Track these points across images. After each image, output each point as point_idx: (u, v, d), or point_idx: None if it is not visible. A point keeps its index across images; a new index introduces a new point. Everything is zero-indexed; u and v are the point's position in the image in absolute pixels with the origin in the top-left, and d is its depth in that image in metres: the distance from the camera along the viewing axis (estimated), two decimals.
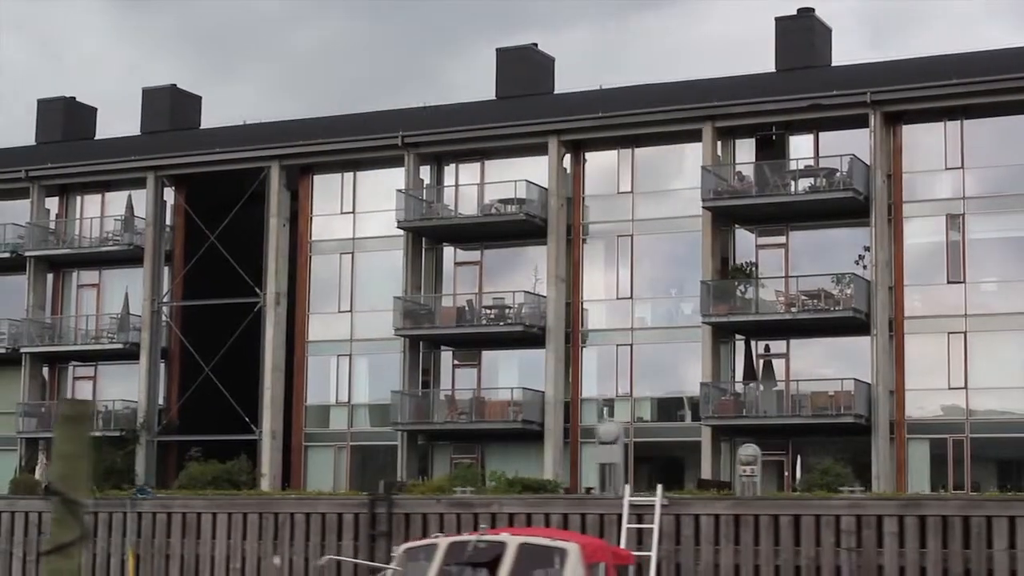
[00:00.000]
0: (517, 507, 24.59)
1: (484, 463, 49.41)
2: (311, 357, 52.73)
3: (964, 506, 22.16)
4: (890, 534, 21.97)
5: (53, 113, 61.77)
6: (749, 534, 23.01)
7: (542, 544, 18.70)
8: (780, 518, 22.79)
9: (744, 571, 22.93)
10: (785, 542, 22.66)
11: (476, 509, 25.15)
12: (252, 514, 27.38)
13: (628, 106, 48.75)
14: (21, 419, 55.30)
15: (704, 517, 23.43)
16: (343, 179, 53.02)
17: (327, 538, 26.23)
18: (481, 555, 18.20)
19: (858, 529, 22.17)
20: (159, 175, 54.78)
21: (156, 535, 34.16)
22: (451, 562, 18.50)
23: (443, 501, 27.35)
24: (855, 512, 22.22)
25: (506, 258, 50.88)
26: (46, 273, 57.01)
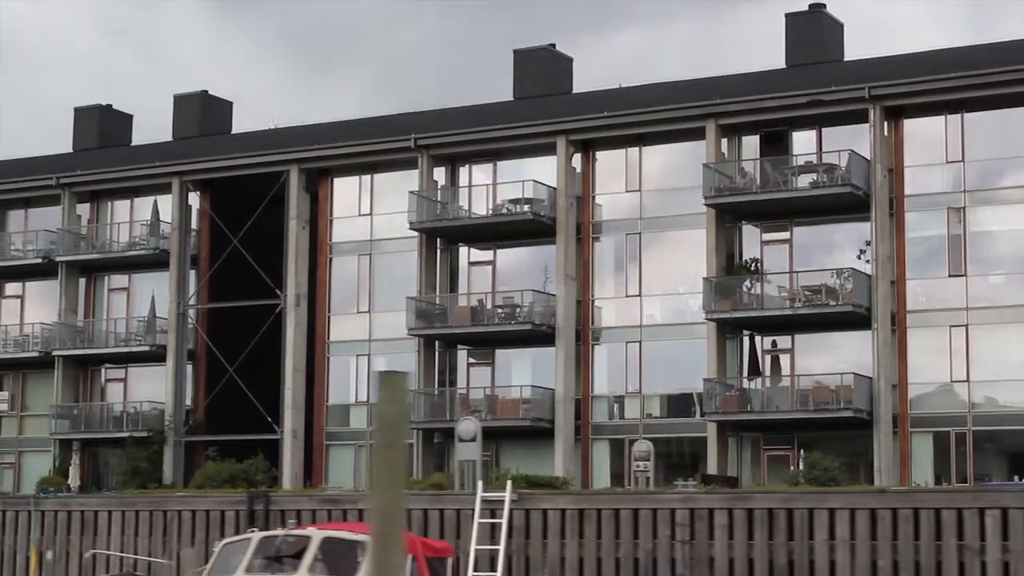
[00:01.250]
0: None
1: (499, 460, 50.04)
2: (332, 357, 53.59)
3: (787, 499, 22.58)
4: (720, 527, 22.45)
5: (88, 121, 63.10)
6: (592, 527, 23.55)
7: (344, 538, 19.64)
8: (620, 512, 23.30)
9: (588, 563, 23.50)
10: (625, 535, 23.18)
11: (344, 505, 25.96)
12: (144, 511, 28.31)
13: (634, 105, 49.21)
14: (54, 421, 56.59)
15: (551, 512, 23.99)
16: (360, 182, 53.87)
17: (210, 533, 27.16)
18: (289, 548, 19.43)
19: (691, 522, 22.65)
20: (184, 180, 55.88)
21: (58, 532, 35.51)
22: (261, 555, 19.56)
23: (315, 498, 28.22)
24: (688, 506, 22.75)
25: (518, 257, 51.48)
26: (78, 278, 58.30)
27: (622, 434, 48.95)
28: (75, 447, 56.88)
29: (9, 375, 60.09)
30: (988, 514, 19.90)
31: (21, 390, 59.87)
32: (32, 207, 60.19)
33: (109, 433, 55.53)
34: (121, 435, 54.85)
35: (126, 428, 55.22)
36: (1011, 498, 20.85)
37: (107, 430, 55.74)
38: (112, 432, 55.48)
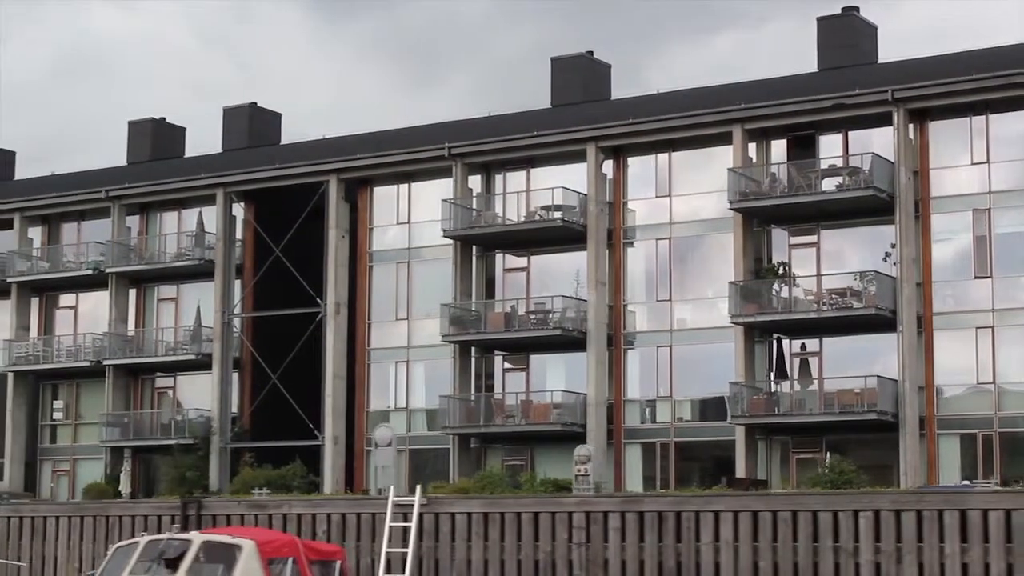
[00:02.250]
0: (303, 508, 26.00)
1: (533, 465, 50.61)
2: (372, 364, 54.34)
3: (675, 502, 22.89)
4: (614, 529, 22.81)
5: (142, 134, 64.32)
6: (496, 530, 24.01)
7: (222, 541, 20.53)
8: (522, 515, 23.73)
9: (492, 565, 23.95)
10: (526, 537, 23.61)
11: (269, 510, 26.58)
12: (88, 517, 29.13)
13: (663, 111, 49.55)
14: (105, 429, 57.78)
15: (459, 515, 24.46)
16: (398, 191, 54.60)
17: None
18: (172, 551, 20.52)
19: (587, 525, 23.02)
20: (228, 191, 56.87)
21: (9, 537, 36.44)
22: (147, 558, 20.50)
23: (243, 503, 28.88)
24: (584, 509, 23.12)
25: (552, 263, 51.92)
26: (128, 288, 59.49)
27: (654, 438, 49.30)
28: (126, 454, 58.07)
29: (63, 384, 61.42)
30: (862, 516, 20.17)
31: (75, 399, 61.18)
32: (85, 220, 61.47)
33: (157, 440, 56.61)
34: (168, 442, 55.91)
35: (174, 435, 56.26)
36: (884, 500, 21.10)
37: (155, 437, 56.82)
38: (160, 439, 56.56)
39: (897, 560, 20.35)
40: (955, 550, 20.01)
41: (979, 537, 19.91)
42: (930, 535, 20.24)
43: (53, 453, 61.32)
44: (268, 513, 26.11)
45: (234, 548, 20.19)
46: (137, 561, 20.52)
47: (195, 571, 20.09)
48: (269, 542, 20.83)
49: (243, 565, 19.73)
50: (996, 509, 20.04)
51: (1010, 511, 19.99)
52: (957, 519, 20.01)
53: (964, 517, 20.10)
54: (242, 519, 25.79)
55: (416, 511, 24.57)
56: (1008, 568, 19.87)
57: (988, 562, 19.91)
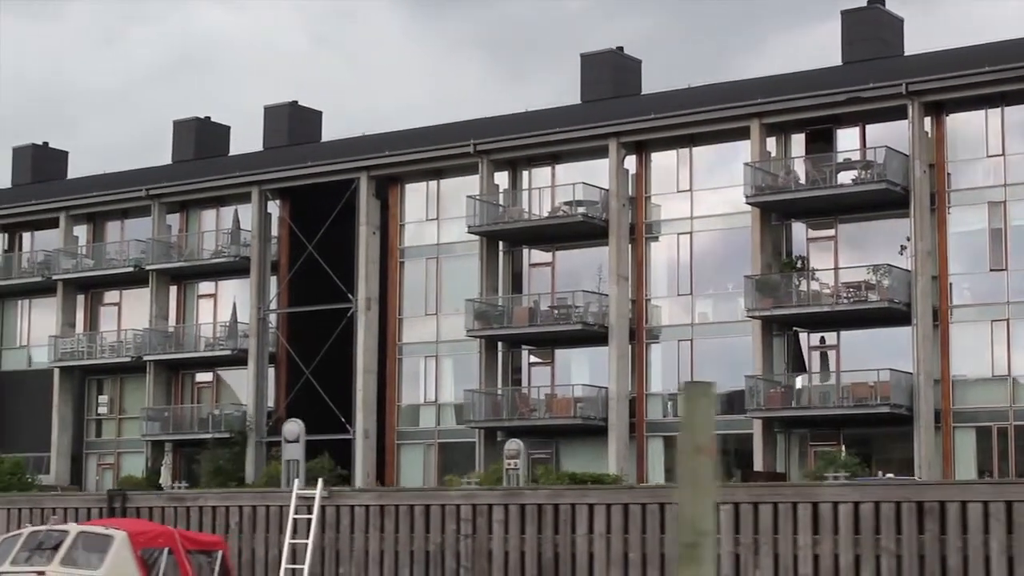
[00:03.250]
0: (217, 501, 26.71)
1: (558, 458, 51.12)
2: (404, 359, 55.06)
3: (552, 495, 23.32)
4: (497, 522, 23.27)
5: (186, 133, 65.46)
6: (391, 522, 24.54)
7: (96, 532, 21.51)
8: (414, 508, 24.25)
9: (387, 556, 24.45)
10: (418, 530, 24.14)
11: (187, 503, 27.27)
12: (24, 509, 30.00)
13: (684, 106, 49.88)
14: (145, 423, 58.93)
15: (358, 508, 25.00)
16: (428, 188, 55.26)
17: None
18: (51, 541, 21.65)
19: (473, 517, 23.49)
20: (263, 189, 57.80)
21: None
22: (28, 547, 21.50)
23: (163, 496, 29.64)
24: (470, 502, 23.59)
25: (577, 258, 52.36)
26: (168, 285, 60.61)
27: (675, 431, 49.57)
28: (167, 448, 59.19)
29: (108, 379, 62.66)
30: (723, 508, 20.52)
31: (119, 394, 62.39)
32: (128, 218, 62.65)
33: (196, 435, 57.63)
34: (207, 436, 56.92)
35: (211, 430, 57.28)
36: (742, 493, 21.43)
37: (194, 431, 57.85)
38: (198, 434, 57.59)
39: (755, 551, 20.73)
40: (808, 541, 20.36)
41: (830, 529, 20.27)
42: (785, 527, 20.62)
43: (98, 447, 62.59)
44: (186, 505, 26.93)
45: (107, 538, 21.36)
46: (19, 551, 21.56)
47: (70, 560, 21.14)
48: (142, 533, 21.74)
49: (114, 554, 20.82)
50: (846, 502, 20.37)
51: (858, 503, 20.30)
52: (810, 511, 20.37)
53: (816, 509, 20.47)
54: (163, 511, 26.66)
55: (317, 504, 25.25)
56: (856, 559, 20.19)
57: (837, 553, 20.24)
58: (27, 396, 63.56)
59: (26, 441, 62.33)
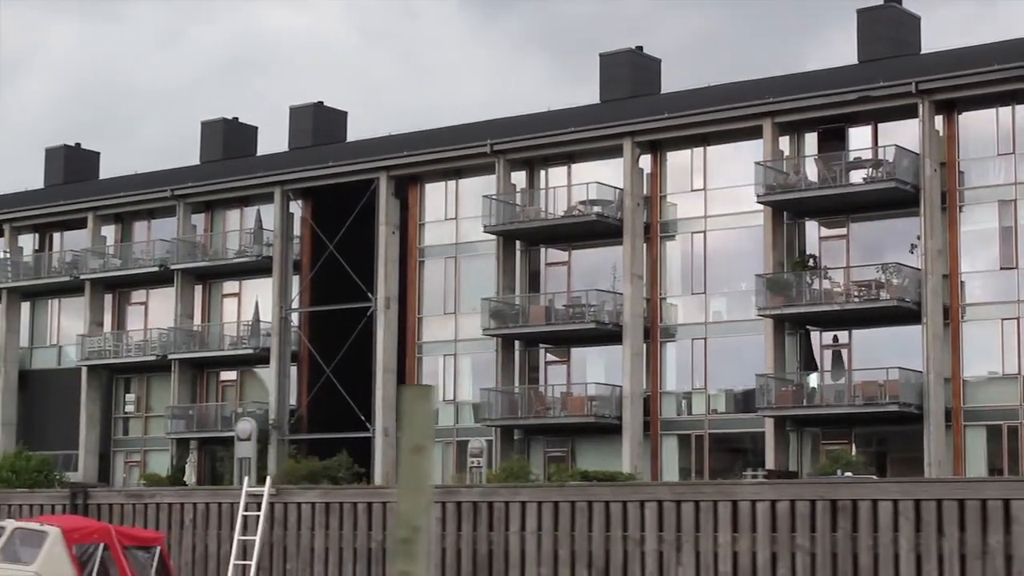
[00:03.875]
0: (173, 498, 27.11)
1: (574, 456, 51.42)
2: (423, 357, 55.46)
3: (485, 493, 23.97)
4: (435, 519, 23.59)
5: (214, 133, 66.09)
6: (336, 520, 24.87)
7: (31, 528, 22.04)
8: (358, 505, 24.62)
9: (332, 552, 24.79)
10: (361, 527, 24.52)
11: (145, 500, 27.70)
12: None
13: (699, 106, 50.03)
14: (170, 421, 59.56)
15: (304, 505, 25.33)
16: (446, 187, 55.63)
17: None
18: None
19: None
20: (284, 189, 58.32)
21: None
22: None
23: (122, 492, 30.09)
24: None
25: (593, 257, 52.60)
26: (193, 284, 61.23)
27: (689, 429, 49.85)
28: (192, 446, 59.82)
29: (135, 378, 63.36)
30: (647, 506, 20.74)
31: (146, 392, 63.08)
32: (155, 218, 63.33)
33: (219, 433, 58.18)
34: (229, 434, 57.41)
35: (234, 427, 57.73)
36: (665, 491, 21.68)
37: (217, 430, 58.41)
38: (222, 432, 58.11)
39: (677, 549, 20.97)
40: (727, 539, 20.56)
41: (748, 526, 20.48)
42: (706, 525, 20.85)
43: (125, 445, 63.30)
44: (144, 502, 27.44)
45: (41, 534, 21.94)
46: None
47: (7, 554, 21.67)
48: (77, 529, 22.24)
49: (48, 549, 21.37)
50: (763, 500, 20.57)
51: (775, 502, 20.48)
52: (729, 509, 20.58)
53: (735, 508, 20.69)
54: (121, 508, 27.17)
55: (266, 501, 25.66)
56: (772, 556, 20.38)
57: (755, 551, 20.43)
58: (56, 394, 64.37)
59: (55, 439, 63.12)
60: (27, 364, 66.48)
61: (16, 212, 66.36)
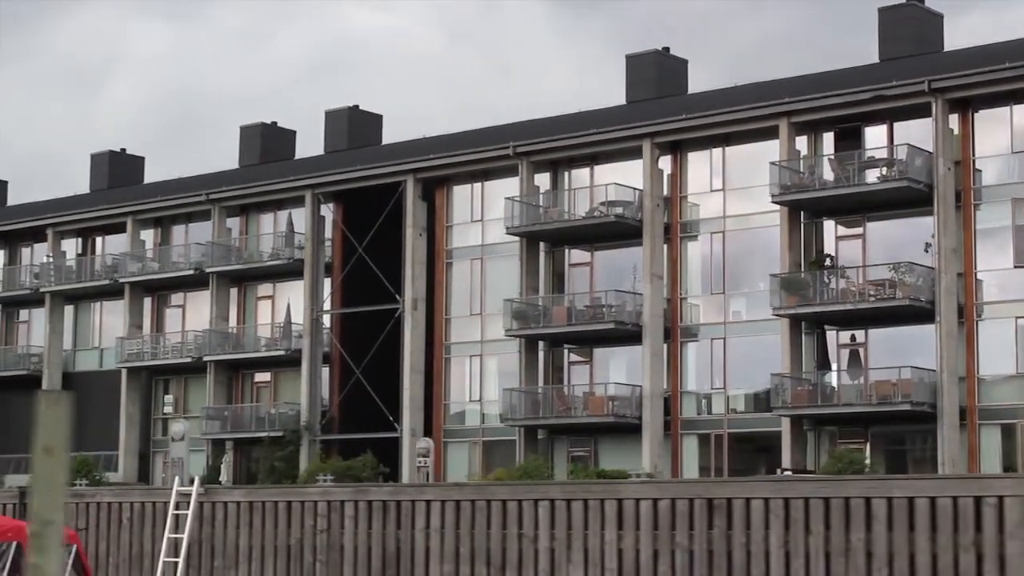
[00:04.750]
0: (111, 497, 27.62)
1: (597, 456, 51.78)
2: (452, 358, 55.99)
3: (393, 491, 24.01)
4: (348, 517, 23.98)
5: (252, 138, 66.98)
6: (259, 518, 25.31)
7: None
8: (278, 504, 25.03)
9: (255, 549, 25.22)
10: (281, 525, 24.91)
11: (86, 499, 28.25)
12: None
13: (716, 107, 50.24)
14: (205, 422, 60.44)
15: (230, 504, 25.79)
16: (472, 190, 56.13)
17: None
18: None
19: (328, 513, 24.19)
20: (315, 193, 59.04)
21: None
22: None
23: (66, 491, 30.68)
24: (326, 499, 24.28)
25: (615, 258, 52.90)
26: (228, 287, 62.10)
27: (709, 429, 50.05)
28: (228, 446, 60.67)
29: (173, 379, 64.32)
30: (540, 505, 21.08)
31: (184, 393, 64.04)
32: (192, 222, 64.27)
33: (253, 433, 59.00)
34: (262, 435, 58.29)
35: (267, 428, 58.62)
36: (555, 490, 21.99)
37: (251, 430, 59.21)
38: (255, 432, 58.95)
39: (568, 546, 21.33)
40: (613, 537, 20.87)
41: (632, 524, 20.77)
42: (594, 523, 21.17)
43: (164, 445, 63.94)
44: (85, 501, 28.10)
45: None
46: None
47: None
48: None
49: None
50: (646, 498, 20.87)
51: (656, 500, 20.78)
52: (615, 507, 20.89)
53: (620, 506, 21.00)
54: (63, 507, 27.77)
55: (194, 500, 26.24)
56: (654, 553, 20.67)
57: (639, 548, 20.72)
58: (98, 396, 65.34)
59: (97, 440, 64.09)
60: (71, 366, 67.63)
61: (59, 217, 67.52)
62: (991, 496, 17.70)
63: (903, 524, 18.46)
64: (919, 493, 18.22)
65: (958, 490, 18.06)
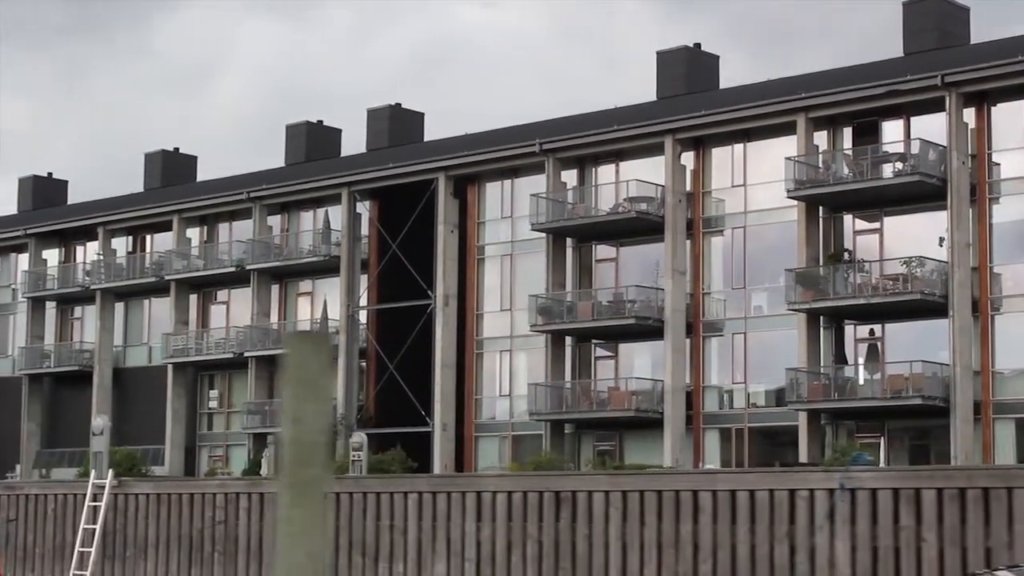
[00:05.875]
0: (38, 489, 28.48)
1: (622, 450, 52.24)
2: (483, 353, 56.64)
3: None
4: (243, 509, 24.56)
5: (298, 136, 68.01)
6: (166, 510, 25.98)
7: None
8: (182, 496, 25.71)
9: (161, 540, 25.91)
10: (185, 516, 25.58)
11: (16, 491, 29.09)
12: None
13: (736, 103, 50.48)
14: (246, 416, 61.52)
15: (140, 496, 26.48)
16: (503, 186, 56.71)
17: None
18: None
19: (226, 505, 24.80)
20: (351, 191, 59.88)
21: None
22: None
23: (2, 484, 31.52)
24: (223, 491, 24.90)
25: (640, 254, 53.27)
26: (270, 284, 63.12)
27: (730, 423, 50.32)
28: (269, 440, 61.65)
29: (218, 375, 65.46)
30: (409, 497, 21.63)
31: (228, 388, 65.16)
32: (236, 220, 65.35)
33: None
34: None
35: None
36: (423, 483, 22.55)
37: None
38: None
39: (433, 537, 21.88)
40: (473, 528, 21.38)
41: (490, 516, 21.28)
42: (456, 514, 21.73)
43: (209, 439, 65.43)
44: (16, 493, 29.01)
45: None
46: None
47: None
48: None
49: None
50: (502, 491, 21.40)
51: (511, 493, 21.30)
52: (475, 500, 21.44)
53: (479, 498, 21.54)
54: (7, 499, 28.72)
55: (107, 492, 27.01)
56: (508, 544, 21.18)
57: (495, 539, 21.22)
58: (146, 391, 66.71)
59: (145, 434, 65.46)
60: (121, 362, 68.96)
61: (110, 215, 68.87)
62: (803, 489, 18.10)
63: (726, 516, 18.92)
64: (740, 486, 18.82)
65: (774, 483, 18.45)
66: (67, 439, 69.49)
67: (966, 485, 17.01)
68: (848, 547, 17.66)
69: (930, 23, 50.84)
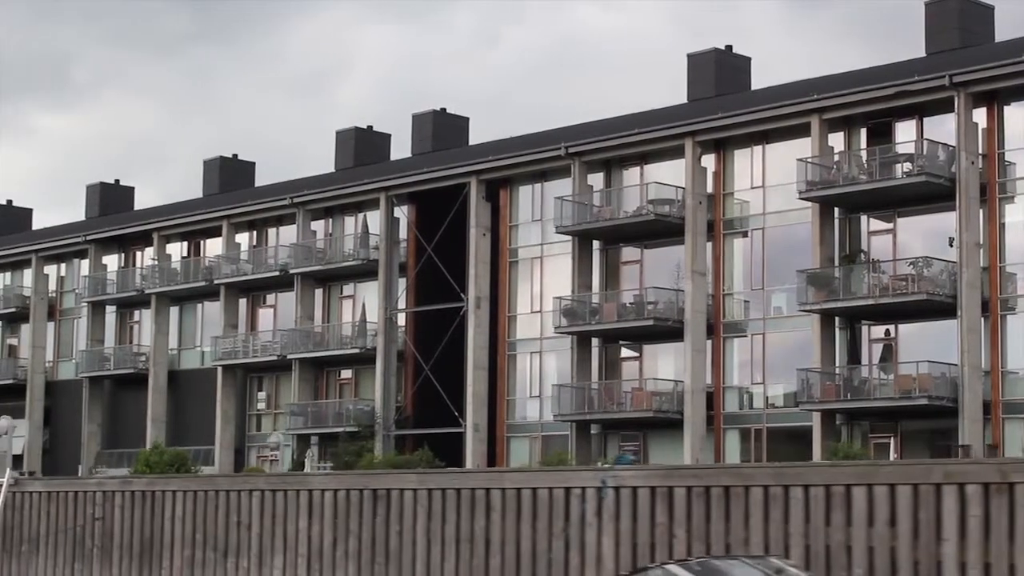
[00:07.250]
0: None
1: (647, 450, 52.76)
2: (514, 355, 57.38)
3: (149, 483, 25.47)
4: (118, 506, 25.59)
5: (347, 142, 69.20)
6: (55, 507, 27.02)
7: None
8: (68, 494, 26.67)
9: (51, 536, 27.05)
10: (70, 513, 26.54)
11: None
12: None
13: (755, 104, 50.82)
14: (290, 418, 62.74)
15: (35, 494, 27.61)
16: (533, 190, 57.43)
17: None
18: None
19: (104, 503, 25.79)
20: (389, 195, 60.89)
21: None
22: None
23: None
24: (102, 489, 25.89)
25: (664, 256, 53.70)
26: (313, 288, 64.31)
27: (749, 423, 50.65)
28: (312, 441, 62.83)
29: (266, 377, 66.74)
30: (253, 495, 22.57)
31: (275, 390, 66.43)
32: (283, 225, 66.61)
33: (332, 429, 61.04)
34: (338, 430, 60.32)
35: (345, 424, 60.64)
36: (262, 482, 23.33)
37: (329, 426, 61.27)
38: (333, 428, 60.99)
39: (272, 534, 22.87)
40: (305, 524, 22.34)
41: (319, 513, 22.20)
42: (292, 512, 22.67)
43: (258, 440, 66.73)
44: None
45: None
46: None
47: None
48: None
49: None
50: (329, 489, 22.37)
51: (336, 491, 22.18)
52: (307, 498, 22.42)
53: (311, 496, 22.44)
54: None
55: (5, 489, 28.09)
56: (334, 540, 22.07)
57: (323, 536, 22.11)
58: (198, 393, 68.21)
59: (197, 435, 67.00)
60: (176, 365, 70.51)
61: (165, 221, 70.44)
62: (577, 487, 18.73)
63: (513, 513, 19.61)
64: (525, 484, 19.65)
65: (552, 482, 19.15)
66: (125, 440, 71.22)
67: (711, 484, 17.56)
68: (613, 543, 18.31)
69: (952, 22, 50.83)
